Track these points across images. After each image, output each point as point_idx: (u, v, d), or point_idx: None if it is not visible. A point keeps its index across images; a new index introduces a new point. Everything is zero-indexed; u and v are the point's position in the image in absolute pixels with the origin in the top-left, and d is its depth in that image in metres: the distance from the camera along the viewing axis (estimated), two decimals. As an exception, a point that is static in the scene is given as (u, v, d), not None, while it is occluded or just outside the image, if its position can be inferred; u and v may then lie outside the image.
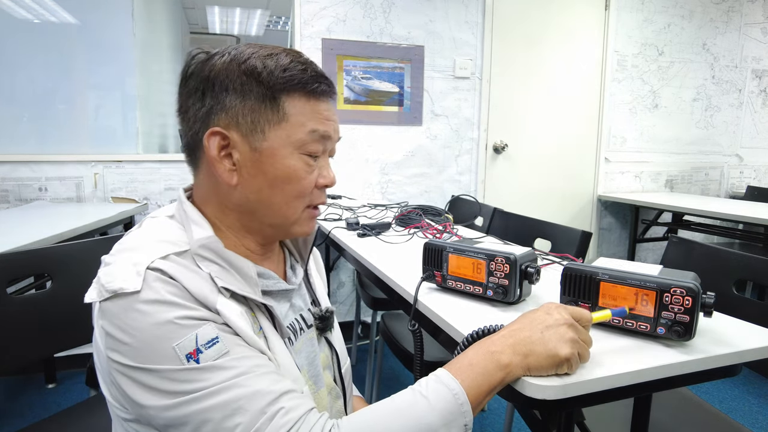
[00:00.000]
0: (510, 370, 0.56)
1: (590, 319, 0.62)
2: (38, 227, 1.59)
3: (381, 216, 1.90)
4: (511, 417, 1.65)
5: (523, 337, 0.58)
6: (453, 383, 0.55)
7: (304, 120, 0.61)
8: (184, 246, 0.58)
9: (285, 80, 0.59)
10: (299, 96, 0.60)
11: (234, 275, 0.59)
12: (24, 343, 1.07)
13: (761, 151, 3.55)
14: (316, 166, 0.64)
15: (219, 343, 0.52)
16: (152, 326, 0.50)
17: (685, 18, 3.19)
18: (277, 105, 0.59)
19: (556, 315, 0.60)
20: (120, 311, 0.51)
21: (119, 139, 2.30)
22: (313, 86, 0.61)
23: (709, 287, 0.67)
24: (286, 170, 0.61)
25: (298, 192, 0.62)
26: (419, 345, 0.87)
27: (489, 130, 2.85)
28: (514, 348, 0.57)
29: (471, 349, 0.59)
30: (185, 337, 0.51)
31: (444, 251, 0.88)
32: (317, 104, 0.62)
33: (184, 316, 0.52)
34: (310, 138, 0.61)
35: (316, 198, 0.65)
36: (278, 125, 0.60)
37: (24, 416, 1.92)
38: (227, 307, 0.56)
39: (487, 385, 0.55)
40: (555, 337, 0.57)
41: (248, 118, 0.59)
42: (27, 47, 2.15)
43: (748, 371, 0.93)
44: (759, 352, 0.67)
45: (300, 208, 0.64)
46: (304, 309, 0.73)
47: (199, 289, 0.54)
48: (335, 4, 2.51)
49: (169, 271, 0.53)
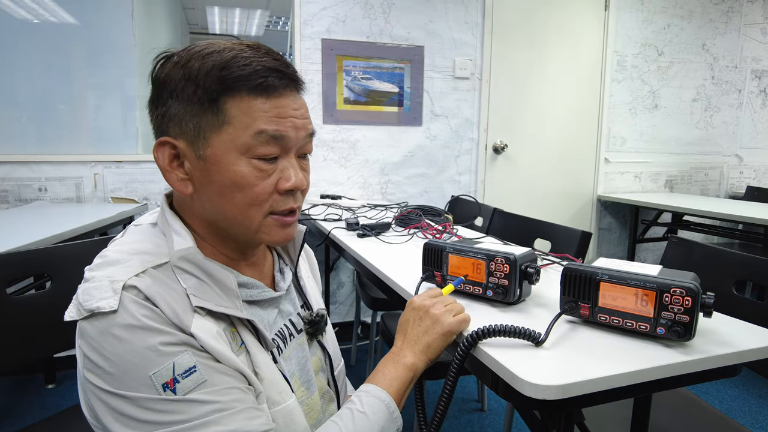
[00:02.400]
0: (416, 366, 0.68)
1: (437, 290, 0.77)
2: (38, 227, 1.58)
3: (381, 216, 1.90)
4: (511, 417, 1.65)
5: (413, 335, 0.70)
6: (382, 394, 0.63)
7: (249, 121, 0.55)
8: (163, 257, 0.56)
9: (222, 79, 0.54)
10: (242, 95, 0.55)
11: (213, 289, 0.57)
12: (24, 343, 1.07)
13: (761, 151, 3.55)
14: (275, 168, 0.58)
15: (196, 372, 0.51)
16: (129, 353, 0.49)
17: (685, 18, 3.19)
18: (217, 107, 0.55)
19: (416, 304, 0.72)
20: (97, 334, 0.50)
21: (119, 139, 2.30)
22: (257, 81, 0.55)
23: (708, 287, 0.67)
24: (232, 177, 0.56)
25: (250, 200, 0.57)
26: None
27: (489, 130, 2.85)
28: (412, 348, 0.69)
29: (380, 363, 0.69)
30: (162, 366, 0.50)
31: (444, 251, 0.88)
32: (266, 101, 0.56)
33: (162, 342, 0.50)
34: (257, 141, 0.55)
35: (278, 204, 0.59)
36: (220, 129, 0.55)
37: (24, 416, 1.92)
38: (202, 328, 0.54)
39: (403, 387, 0.66)
40: (431, 320, 0.70)
41: (190, 124, 0.56)
42: (27, 47, 2.15)
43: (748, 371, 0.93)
44: (759, 352, 0.67)
45: (258, 217, 0.59)
46: (294, 313, 0.71)
47: (173, 312, 0.52)
48: (335, 4, 2.51)
49: (144, 290, 0.52)
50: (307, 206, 2.19)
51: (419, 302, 0.73)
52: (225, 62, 0.55)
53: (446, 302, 0.73)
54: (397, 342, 0.71)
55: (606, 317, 0.71)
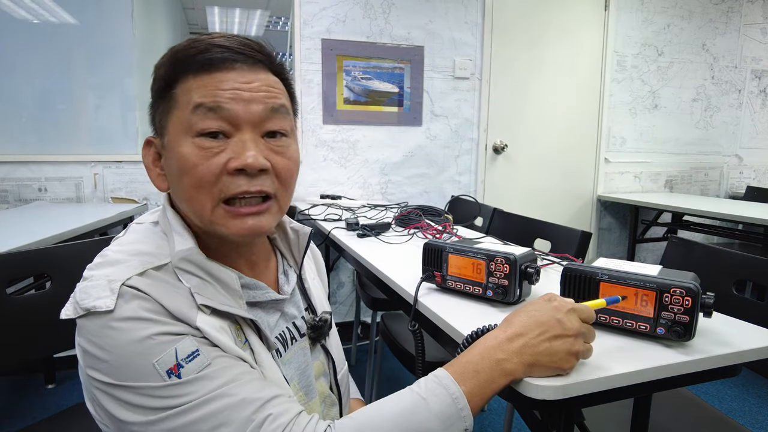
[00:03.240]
0: (514, 377, 0.56)
1: (594, 317, 0.60)
2: (38, 227, 1.58)
3: (381, 216, 1.90)
4: (511, 417, 1.65)
5: (531, 344, 0.56)
6: (453, 386, 0.53)
7: (189, 97, 0.54)
8: (164, 258, 0.55)
9: (174, 67, 0.55)
10: (186, 76, 0.55)
11: (216, 288, 0.56)
12: (24, 343, 1.07)
13: (761, 151, 3.55)
14: (222, 147, 0.54)
15: (200, 355, 0.50)
16: (130, 343, 0.48)
17: (685, 18, 3.19)
18: (171, 95, 0.56)
19: (568, 324, 0.56)
20: (96, 329, 0.49)
21: (119, 139, 2.30)
22: (199, 57, 0.54)
23: (708, 287, 0.67)
24: (178, 161, 0.54)
25: (194, 182, 0.54)
26: (420, 346, 0.87)
27: (489, 130, 2.85)
28: (521, 356, 0.55)
29: (477, 353, 0.56)
30: (164, 353, 0.49)
31: (444, 251, 0.88)
32: (208, 76, 0.54)
33: (162, 332, 0.50)
34: (196, 116, 0.53)
35: (228, 186, 0.54)
36: (171, 114, 0.56)
37: (24, 416, 1.92)
38: (207, 323, 0.53)
39: (490, 392, 0.55)
40: (563, 350, 0.56)
41: (156, 117, 0.58)
42: (26, 47, 2.14)
43: (748, 371, 0.93)
44: (759, 352, 0.67)
45: (207, 203, 0.55)
46: (298, 317, 0.69)
47: (177, 307, 0.51)
48: (335, 4, 2.51)
49: (145, 289, 0.51)
50: (307, 206, 2.19)
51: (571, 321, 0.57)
52: (178, 51, 0.55)
53: (590, 336, 0.59)
54: (508, 331, 0.58)
55: (606, 317, 0.71)
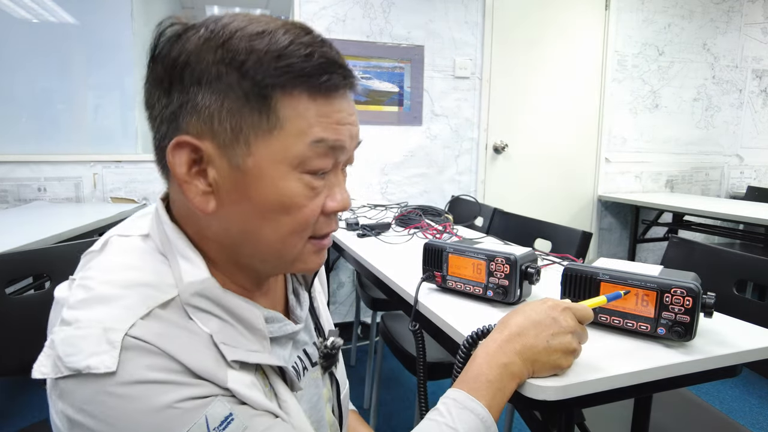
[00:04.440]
0: (520, 379, 0.55)
1: (592, 317, 0.60)
2: (37, 227, 1.58)
3: (381, 216, 1.90)
4: (511, 417, 1.65)
5: (530, 344, 0.55)
6: (478, 407, 0.51)
7: (306, 127, 0.43)
8: (169, 291, 0.43)
9: (280, 72, 0.42)
10: (300, 93, 0.43)
11: (238, 330, 0.46)
12: (23, 343, 1.07)
13: (761, 151, 3.54)
14: (324, 186, 0.47)
15: (235, 420, 0.41)
16: (144, 414, 0.37)
17: (686, 18, 3.19)
18: (267, 106, 0.42)
19: (563, 322, 0.56)
20: (90, 395, 0.37)
21: (118, 139, 2.30)
22: (321, 79, 0.43)
23: (709, 287, 0.66)
24: (279, 197, 0.44)
25: (296, 225, 0.46)
26: (421, 346, 0.86)
27: (489, 130, 2.85)
28: (522, 356, 0.55)
29: (483, 363, 0.54)
30: (193, 424, 0.38)
31: (444, 252, 0.88)
32: (327, 103, 0.44)
33: (187, 396, 0.39)
34: (313, 151, 0.44)
35: (321, 227, 0.48)
36: (269, 134, 0.43)
37: (23, 417, 1.92)
38: (239, 381, 0.43)
39: (505, 399, 0.54)
40: (560, 348, 0.55)
41: (227, 123, 0.42)
42: (26, 47, 2.14)
43: (748, 371, 0.93)
44: (759, 352, 0.67)
45: (300, 244, 0.47)
46: (309, 343, 0.60)
47: (202, 365, 0.41)
48: (335, 4, 2.51)
49: (154, 341, 0.39)
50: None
51: (566, 320, 0.57)
52: (281, 49, 0.42)
53: (583, 337, 0.59)
54: (504, 332, 0.56)
55: (607, 317, 0.71)
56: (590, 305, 0.62)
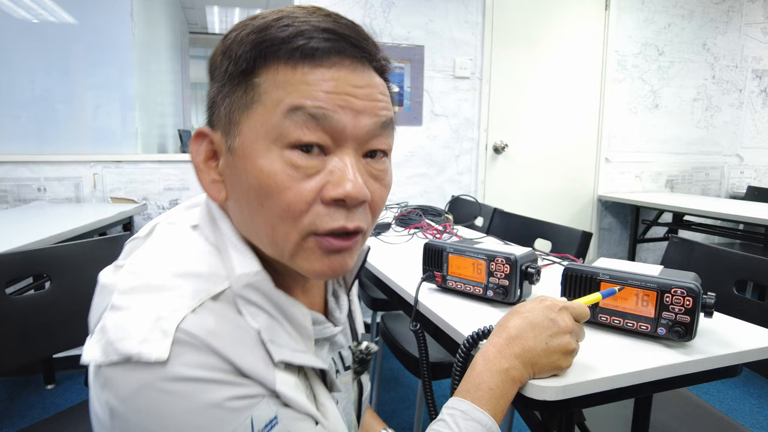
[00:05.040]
0: (521, 383, 0.56)
1: (588, 315, 0.60)
2: (37, 228, 1.58)
3: (381, 216, 1.90)
4: (511, 417, 1.65)
5: (528, 346, 0.55)
6: (484, 417, 0.51)
7: (282, 95, 0.40)
8: (220, 283, 0.42)
9: (255, 44, 0.41)
10: (278, 64, 0.41)
11: (286, 329, 0.44)
12: (23, 343, 1.07)
13: (761, 151, 3.54)
14: (322, 167, 0.42)
15: (279, 423, 0.40)
16: (190, 413, 0.37)
17: (686, 18, 3.19)
18: (249, 83, 0.41)
19: (561, 323, 0.56)
20: (138, 388, 0.36)
21: (118, 139, 2.30)
22: (296, 44, 0.40)
23: (709, 287, 0.67)
24: (258, 176, 0.41)
25: (280, 210, 0.41)
26: (423, 347, 0.86)
27: (489, 130, 2.85)
28: (522, 359, 0.55)
29: (484, 370, 0.54)
30: (239, 424, 0.38)
31: (444, 252, 0.88)
32: (312, 71, 0.40)
33: (233, 396, 0.38)
34: (291, 120, 0.40)
35: (322, 221, 0.42)
36: (250, 110, 0.41)
37: (23, 417, 1.92)
38: (286, 384, 0.42)
39: (507, 405, 0.54)
40: (560, 349, 0.56)
41: (222, 108, 0.43)
42: (26, 47, 2.14)
43: (748, 371, 0.93)
44: (759, 352, 0.67)
45: (293, 235, 0.42)
46: (344, 346, 0.58)
47: (250, 365, 0.40)
48: (335, 4, 2.51)
49: (207, 339, 0.38)
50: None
51: (564, 320, 0.57)
52: (263, 25, 0.41)
53: (581, 335, 0.59)
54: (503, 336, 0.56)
55: (607, 317, 0.71)
56: (586, 302, 0.62)
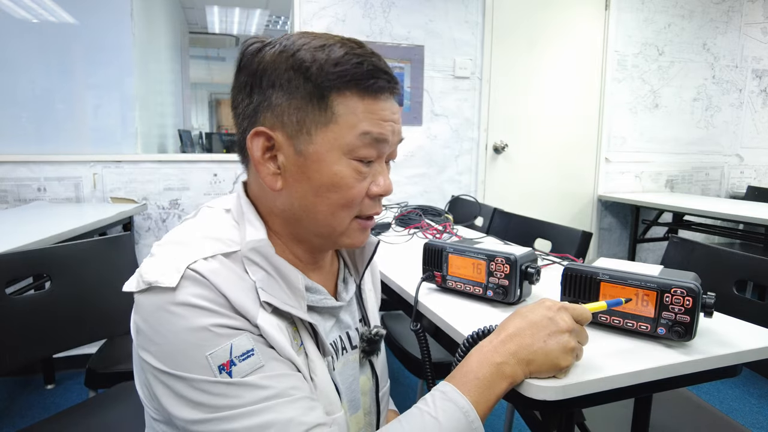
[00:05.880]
0: (514, 379, 0.56)
1: (590, 317, 0.60)
2: (37, 227, 1.58)
3: (381, 216, 1.90)
4: (511, 417, 1.65)
5: (526, 344, 0.56)
6: (462, 400, 0.53)
7: (355, 121, 0.55)
8: (234, 246, 0.55)
9: (335, 76, 0.53)
10: (351, 94, 0.54)
11: (280, 285, 0.56)
12: (23, 343, 1.07)
13: (762, 151, 3.54)
14: (369, 172, 0.58)
15: (254, 356, 0.50)
16: (185, 331, 0.48)
17: (686, 18, 3.19)
18: (325, 104, 0.54)
19: (560, 322, 0.57)
20: (153, 309, 0.49)
21: (118, 139, 2.30)
22: (368, 82, 0.54)
23: (709, 287, 0.67)
24: (332, 177, 0.55)
25: (344, 201, 0.57)
26: (425, 348, 0.86)
27: (489, 130, 2.85)
28: (517, 356, 0.56)
29: (474, 360, 0.56)
30: (219, 347, 0.49)
31: (444, 251, 0.88)
32: (373, 103, 0.55)
33: (220, 324, 0.49)
34: (360, 142, 0.55)
35: (366, 208, 0.59)
36: (326, 127, 0.54)
37: (23, 417, 1.92)
38: (267, 321, 0.53)
39: (494, 397, 0.55)
40: (558, 347, 0.56)
41: (294, 117, 0.54)
42: (26, 47, 2.14)
43: (748, 371, 0.93)
44: (759, 352, 0.67)
45: (347, 219, 0.58)
46: (352, 327, 0.68)
47: (241, 301, 0.51)
48: (335, 3, 2.51)
49: (210, 277, 0.50)
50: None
51: (563, 319, 0.58)
52: (338, 58, 0.53)
53: (582, 336, 0.60)
54: (502, 334, 0.58)
55: (607, 317, 0.71)
56: (591, 309, 0.62)
